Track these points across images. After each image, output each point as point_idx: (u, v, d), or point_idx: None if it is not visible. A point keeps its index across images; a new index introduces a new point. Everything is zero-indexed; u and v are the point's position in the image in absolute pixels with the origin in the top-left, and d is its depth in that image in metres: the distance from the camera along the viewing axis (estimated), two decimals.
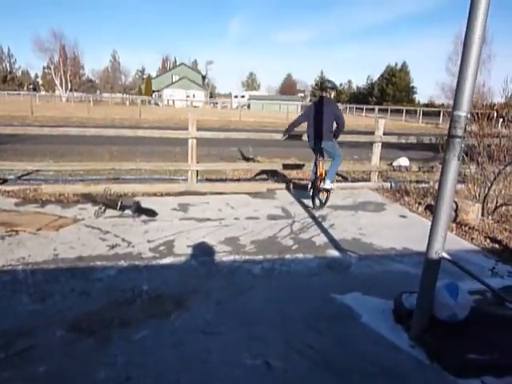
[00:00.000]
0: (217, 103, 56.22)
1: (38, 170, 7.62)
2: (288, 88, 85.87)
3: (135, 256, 3.66)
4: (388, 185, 7.11)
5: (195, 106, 46.09)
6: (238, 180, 7.72)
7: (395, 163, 9.53)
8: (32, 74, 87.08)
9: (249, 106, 53.48)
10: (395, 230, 4.75)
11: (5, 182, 6.84)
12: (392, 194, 6.54)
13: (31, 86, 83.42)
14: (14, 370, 2.17)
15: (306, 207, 5.55)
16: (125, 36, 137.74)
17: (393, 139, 7.32)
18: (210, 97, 67.66)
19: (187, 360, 2.29)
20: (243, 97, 59.48)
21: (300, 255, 3.85)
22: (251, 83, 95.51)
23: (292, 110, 42.08)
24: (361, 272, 3.55)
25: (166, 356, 2.32)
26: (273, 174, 8.36)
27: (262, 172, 8.44)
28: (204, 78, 71.33)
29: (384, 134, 7.02)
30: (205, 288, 3.11)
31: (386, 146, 7.47)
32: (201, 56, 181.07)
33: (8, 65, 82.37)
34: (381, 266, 3.70)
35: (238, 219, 4.88)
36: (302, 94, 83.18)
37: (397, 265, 3.73)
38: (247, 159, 10.43)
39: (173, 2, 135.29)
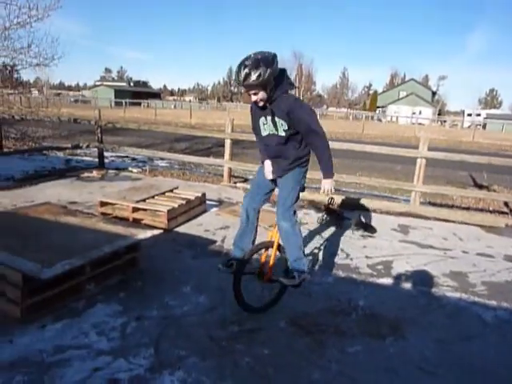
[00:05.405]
0: (445, 121, 51.67)
1: None
2: None
3: (352, 269, 3.71)
4: None
5: (420, 124, 43.49)
6: (468, 209, 6.89)
7: None
8: None
9: (484, 126, 47.18)
10: None
11: (246, 181, 8.00)
12: None
13: None
14: (244, 344, 2.50)
15: None
16: (355, 53, 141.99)
17: None
18: (439, 114, 62.64)
19: None
20: (479, 115, 52.92)
21: None
22: (490, 100, 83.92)
23: None
24: None
25: (377, 379, 2.26)
26: None
27: (500, 204, 7.29)
28: (434, 94, 66.70)
29: None
30: (424, 321, 2.89)
31: None
32: (432, 71, 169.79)
33: None
34: None
35: (467, 253, 4.34)
36: None
37: None
38: (480, 186, 9.21)
39: (406, 19, 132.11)
